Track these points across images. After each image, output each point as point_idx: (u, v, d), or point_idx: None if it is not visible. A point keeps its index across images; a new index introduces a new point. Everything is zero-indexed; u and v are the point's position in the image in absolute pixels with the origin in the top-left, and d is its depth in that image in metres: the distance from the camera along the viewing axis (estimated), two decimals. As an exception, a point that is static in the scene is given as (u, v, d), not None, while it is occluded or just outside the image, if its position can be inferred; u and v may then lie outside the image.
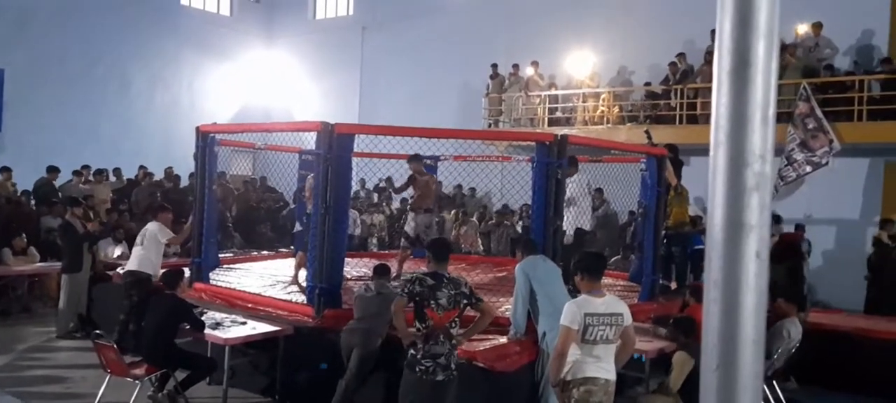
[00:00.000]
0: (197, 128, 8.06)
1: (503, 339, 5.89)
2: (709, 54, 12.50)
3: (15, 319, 9.14)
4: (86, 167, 12.85)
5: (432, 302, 4.33)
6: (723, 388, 1.08)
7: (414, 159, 8.18)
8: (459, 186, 13.87)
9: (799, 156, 11.30)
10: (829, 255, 11.90)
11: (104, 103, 16.63)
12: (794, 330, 6.37)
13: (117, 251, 9.91)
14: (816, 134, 11.17)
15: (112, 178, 13.69)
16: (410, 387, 4.37)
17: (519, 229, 12.08)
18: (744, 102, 1.04)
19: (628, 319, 4.22)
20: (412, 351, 4.38)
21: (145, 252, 7.31)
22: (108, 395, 5.82)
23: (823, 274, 11.42)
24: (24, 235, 9.75)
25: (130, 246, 9.37)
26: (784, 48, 11.52)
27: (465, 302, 4.46)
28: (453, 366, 4.37)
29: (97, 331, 6.04)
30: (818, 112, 11.12)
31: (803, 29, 12.23)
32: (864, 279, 9.96)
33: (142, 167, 13.94)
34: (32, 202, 11.58)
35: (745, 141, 1.04)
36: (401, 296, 4.45)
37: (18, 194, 11.68)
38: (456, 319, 4.44)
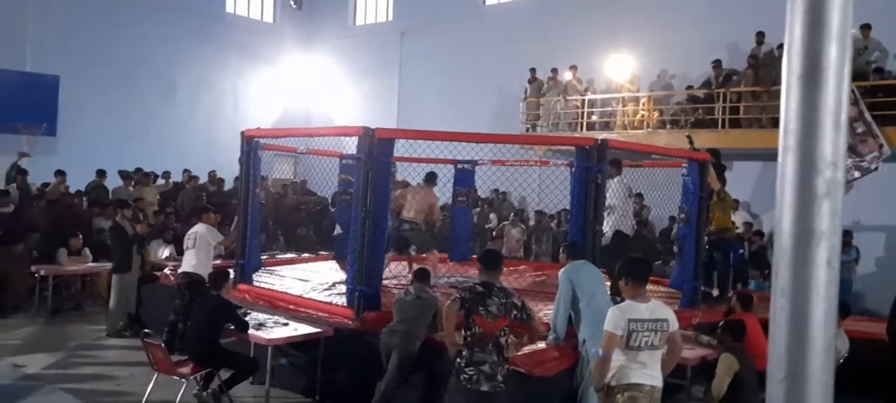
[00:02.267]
0: (242, 133, 8.21)
1: (542, 344, 5.86)
2: (753, 58, 12.24)
3: (66, 317, 9.44)
4: (138, 170, 13.21)
5: (481, 308, 4.30)
6: (790, 399, 1.06)
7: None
8: (496, 190, 13.86)
9: (847, 161, 11.00)
10: (879, 262, 11.53)
11: (150, 108, 17.11)
12: (840, 343, 6.17)
13: (165, 252, 10.17)
14: (865, 138, 10.85)
15: (160, 181, 14.04)
16: (455, 395, 4.35)
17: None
18: (815, 108, 1.03)
19: (674, 325, 4.16)
20: (459, 359, 4.35)
21: (198, 254, 7.50)
22: (155, 393, 5.97)
23: (873, 282, 11.05)
24: (80, 235, 10.06)
25: (178, 248, 9.61)
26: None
27: (515, 313, 4.43)
28: (500, 378, 4.28)
29: (146, 330, 6.20)
30: (867, 116, 10.80)
31: (852, 31, 11.89)
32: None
33: (186, 170, 14.26)
34: (85, 203, 11.91)
35: (815, 147, 1.03)
36: (454, 301, 4.42)
37: (71, 195, 12.05)
38: (506, 328, 4.38)
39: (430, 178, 8.61)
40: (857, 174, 11.02)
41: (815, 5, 1.02)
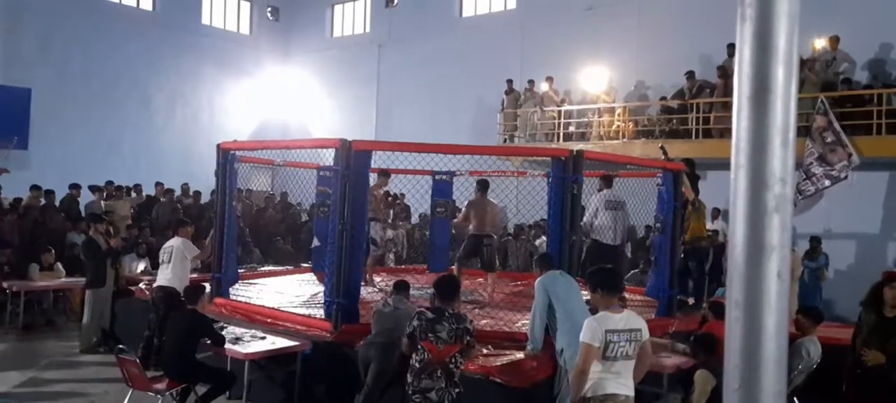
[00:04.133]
0: (218, 146, 8.17)
1: (520, 355, 5.89)
2: (722, 69, 12.47)
3: (39, 333, 9.27)
4: (109, 183, 13.06)
5: (430, 334, 4.25)
6: (744, 409, 1.09)
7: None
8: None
9: (817, 170, 11.21)
10: (848, 270, 11.76)
11: (126, 120, 16.92)
12: (813, 349, 6.26)
13: (140, 266, 10.04)
14: (835, 148, 11.09)
15: (133, 195, 13.88)
16: None
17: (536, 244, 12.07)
18: (764, 126, 1.07)
19: (646, 334, 4.21)
20: (406, 385, 4.33)
21: (173, 268, 7.43)
22: (129, 409, 5.90)
23: (842, 289, 11.27)
24: (52, 250, 9.90)
25: (153, 262, 9.50)
26: (802, 63, 11.47)
27: (467, 338, 4.39)
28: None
29: (120, 346, 6.12)
30: (836, 126, 11.04)
31: (821, 43, 12.18)
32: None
33: (159, 183, 14.12)
34: (61, 216, 11.70)
35: (765, 164, 1.06)
36: (405, 339, 4.35)
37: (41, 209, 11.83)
38: (456, 355, 4.34)
39: (485, 187, 8.49)
40: (827, 183, 11.25)
41: (762, 30, 1.06)
